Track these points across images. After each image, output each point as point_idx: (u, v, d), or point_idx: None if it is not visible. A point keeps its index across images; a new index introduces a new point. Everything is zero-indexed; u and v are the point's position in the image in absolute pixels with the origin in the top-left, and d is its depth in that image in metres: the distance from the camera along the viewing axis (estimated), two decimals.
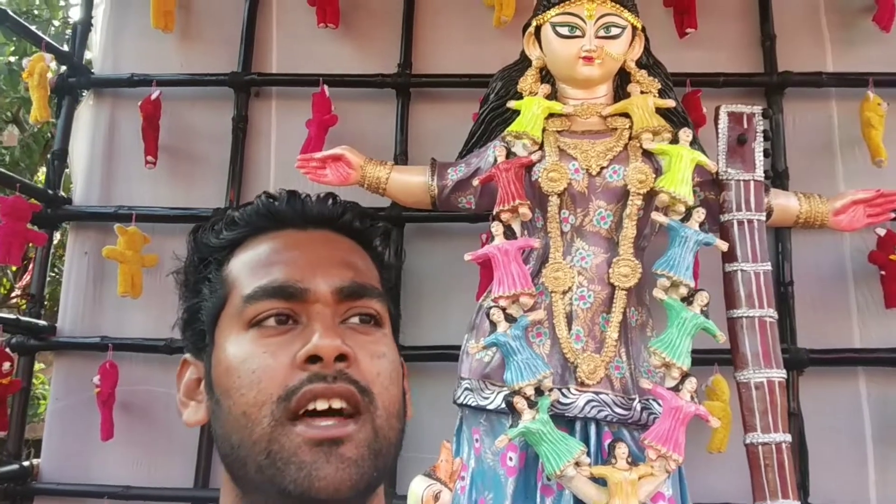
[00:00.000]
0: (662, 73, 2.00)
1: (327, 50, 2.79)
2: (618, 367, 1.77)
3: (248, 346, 0.69)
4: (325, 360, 0.66)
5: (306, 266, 0.72)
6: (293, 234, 0.76)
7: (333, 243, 0.77)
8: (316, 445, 0.64)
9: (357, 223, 0.80)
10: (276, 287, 0.70)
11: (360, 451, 0.65)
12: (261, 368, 0.67)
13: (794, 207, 1.98)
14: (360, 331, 0.71)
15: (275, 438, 0.64)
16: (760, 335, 1.77)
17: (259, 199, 0.78)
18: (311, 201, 0.79)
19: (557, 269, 1.80)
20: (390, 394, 0.70)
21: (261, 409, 0.65)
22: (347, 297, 0.72)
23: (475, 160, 2.00)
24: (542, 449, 1.64)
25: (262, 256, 0.74)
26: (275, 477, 0.64)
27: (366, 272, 0.76)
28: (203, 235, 0.78)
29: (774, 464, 1.69)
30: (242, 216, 0.77)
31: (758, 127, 1.89)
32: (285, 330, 0.69)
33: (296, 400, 0.65)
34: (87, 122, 2.89)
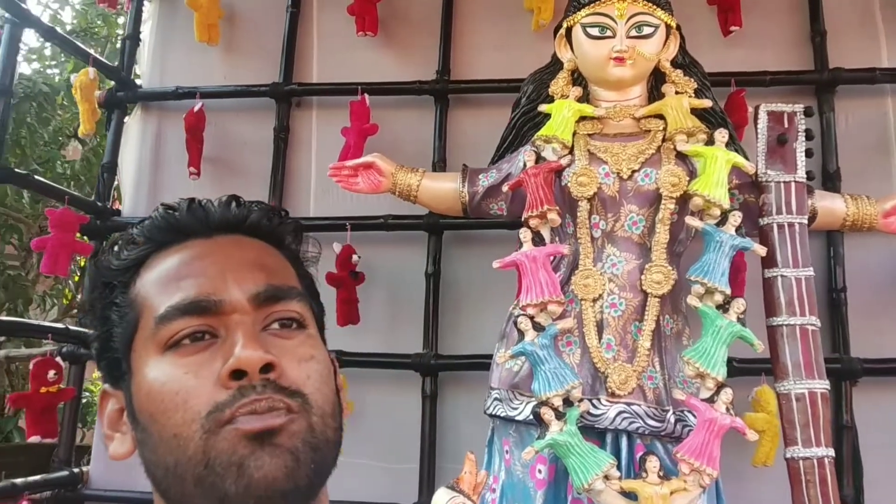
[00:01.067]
0: (699, 73, 1.93)
1: (367, 58, 2.80)
2: (651, 378, 1.71)
3: (167, 368, 0.65)
4: (250, 374, 0.63)
5: (217, 275, 0.69)
6: (199, 243, 0.73)
7: (243, 247, 0.74)
8: (252, 438, 0.62)
9: (265, 223, 0.76)
10: (189, 303, 0.67)
11: (296, 443, 0.63)
12: (184, 390, 0.64)
13: (841, 210, 1.88)
14: (283, 336, 0.69)
15: (210, 446, 0.62)
16: (802, 344, 1.68)
17: (157, 212, 0.75)
18: (213, 207, 0.75)
19: (587, 276, 1.75)
20: (323, 394, 0.67)
21: (190, 426, 0.62)
22: (265, 302, 0.69)
23: (506, 166, 1.96)
24: (569, 461, 1.59)
25: (169, 272, 0.70)
26: (214, 484, 0.62)
27: (281, 273, 0.73)
28: (104, 259, 0.74)
29: (816, 479, 1.60)
30: (142, 232, 0.74)
31: (799, 126, 1.80)
32: (204, 346, 0.66)
33: (228, 413, 0.62)
34: (135, 135, 2.96)
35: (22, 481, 2.39)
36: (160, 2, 3.07)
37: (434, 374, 2.47)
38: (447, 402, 2.49)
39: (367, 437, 2.48)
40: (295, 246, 0.80)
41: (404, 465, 2.44)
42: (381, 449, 2.50)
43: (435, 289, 2.53)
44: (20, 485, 2.37)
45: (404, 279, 2.59)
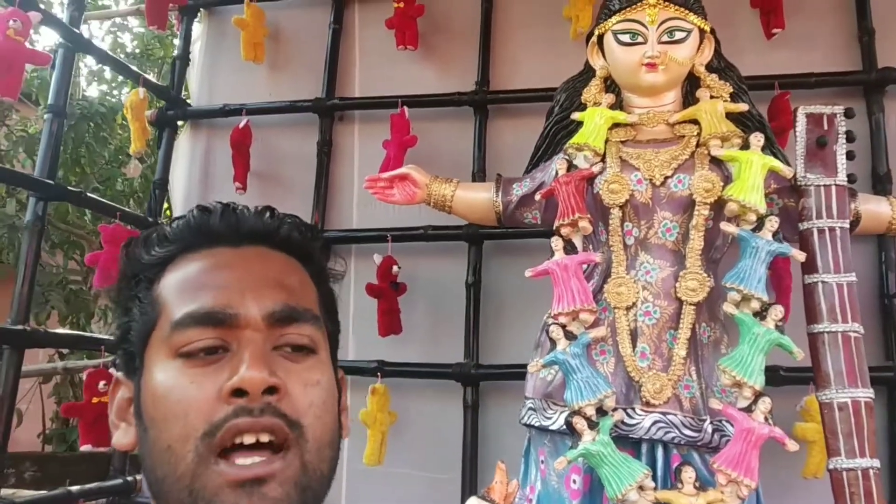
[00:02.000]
0: (735, 77, 1.89)
1: (407, 72, 2.83)
2: (687, 387, 1.68)
3: (175, 375, 0.66)
4: (252, 394, 0.63)
5: (236, 289, 0.69)
6: (226, 251, 0.73)
7: (268, 261, 0.73)
8: (238, 486, 0.62)
9: (295, 236, 0.76)
10: (204, 314, 0.67)
11: (286, 490, 0.63)
12: (186, 400, 0.64)
13: (886, 213, 1.82)
14: (292, 359, 0.69)
15: (198, 476, 0.63)
16: (844, 352, 1.63)
17: (191, 214, 0.75)
18: (246, 215, 0.75)
19: (620, 285, 1.73)
20: (323, 423, 0.68)
21: (185, 444, 0.63)
22: (279, 321, 0.69)
23: (539, 174, 1.96)
24: (603, 471, 1.57)
25: (191, 277, 0.71)
26: None
27: (300, 293, 0.73)
28: (135, 250, 0.75)
29: (861, 492, 1.55)
30: (174, 232, 0.74)
31: (840, 128, 1.75)
32: (214, 359, 0.66)
33: (220, 436, 0.63)
34: (185, 152, 3.05)
35: (77, 489, 2.46)
36: (209, 22, 3.16)
37: (475, 383, 2.47)
38: (489, 412, 2.49)
39: (410, 447, 2.49)
40: (322, 262, 0.79)
41: (446, 474, 2.44)
42: (423, 458, 2.51)
43: (475, 298, 2.53)
44: (75, 492, 2.44)
45: (445, 289, 2.60)
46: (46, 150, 2.40)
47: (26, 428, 5.29)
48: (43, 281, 4.93)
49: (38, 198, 2.37)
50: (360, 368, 2.51)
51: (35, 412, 5.68)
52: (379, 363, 2.49)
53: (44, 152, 2.40)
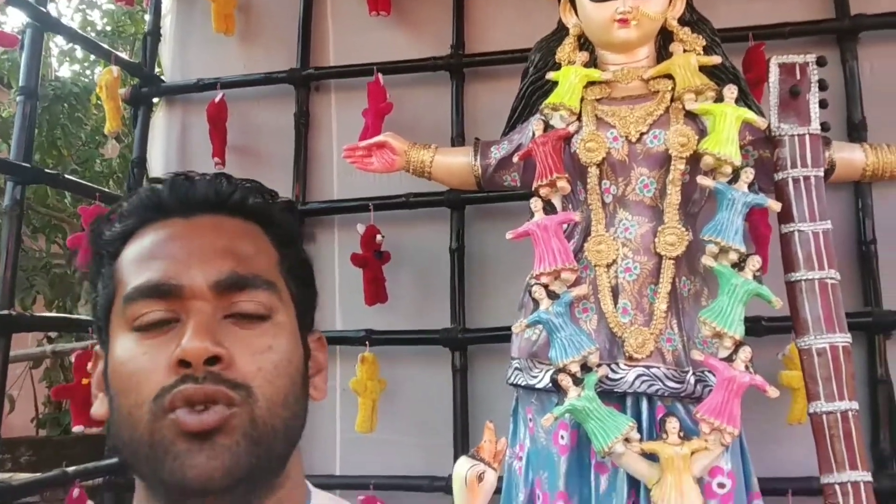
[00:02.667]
0: (708, 29, 1.89)
1: (381, 38, 2.80)
2: (669, 340, 1.70)
3: (130, 347, 0.68)
4: (195, 364, 0.65)
5: (183, 260, 0.70)
6: (178, 222, 0.74)
7: (220, 229, 0.74)
8: (191, 437, 0.65)
9: (250, 202, 0.76)
10: (151, 286, 0.69)
11: (235, 438, 0.65)
12: (139, 371, 0.67)
13: (860, 160, 1.84)
14: (242, 325, 0.70)
15: (155, 430, 0.65)
16: (822, 298, 1.66)
17: (142, 190, 0.76)
18: (197, 185, 0.75)
19: (600, 242, 1.75)
20: (274, 386, 0.69)
21: (140, 408, 0.66)
22: (227, 289, 0.70)
23: (517, 136, 1.96)
24: (589, 426, 1.60)
25: (143, 251, 0.72)
26: (156, 468, 0.65)
27: (253, 259, 0.73)
28: (98, 227, 0.76)
29: (840, 433, 1.59)
30: (129, 207, 0.75)
31: (812, 77, 1.76)
32: (166, 330, 0.68)
33: (168, 400, 0.65)
34: (161, 129, 3.02)
35: (73, 469, 2.48)
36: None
37: (463, 348, 2.49)
38: (477, 375, 2.51)
39: (401, 413, 2.52)
40: (285, 225, 0.79)
41: (438, 438, 2.47)
42: (415, 424, 2.54)
43: (460, 264, 2.55)
44: (71, 472, 2.46)
45: (429, 256, 2.61)
46: (21, 133, 2.39)
47: (19, 413, 5.31)
48: (27, 266, 4.91)
49: (16, 182, 2.36)
50: (348, 338, 2.53)
51: (27, 397, 5.69)
52: (367, 332, 2.51)
53: (18, 135, 2.39)
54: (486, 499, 1.53)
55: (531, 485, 1.79)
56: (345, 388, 2.54)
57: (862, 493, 1.57)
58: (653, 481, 1.58)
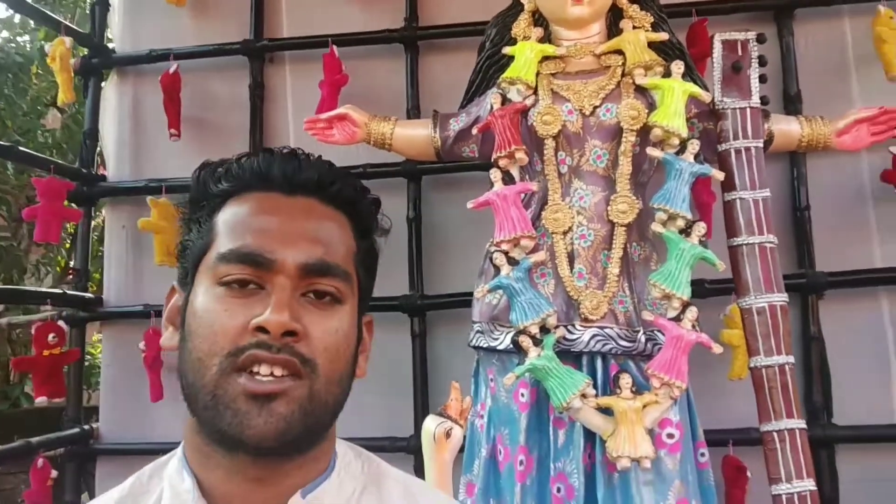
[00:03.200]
0: (655, 7, 1.99)
1: (336, 10, 2.84)
2: (622, 302, 1.81)
3: (214, 300, 0.75)
4: (273, 334, 0.72)
5: (278, 236, 0.76)
6: (279, 198, 0.80)
7: (314, 213, 0.80)
8: (252, 398, 0.72)
9: (345, 193, 0.83)
10: (246, 254, 0.75)
11: (291, 408, 0.73)
12: (218, 324, 0.73)
13: (796, 131, 1.97)
14: (317, 306, 0.77)
15: (220, 385, 0.72)
16: (761, 261, 1.79)
17: (256, 158, 0.82)
18: (304, 166, 0.81)
19: (557, 211, 1.84)
20: (334, 365, 0.76)
21: (212, 358, 0.73)
22: (311, 272, 0.76)
23: (475, 109, 2.03)
24: (549, 383, 1.71)
25: (243, 217, 0.78)
26: (215, 417, 0.73)
27: (338, 248, 0.80)
28: (204, 178, 0.82)
29: (778, 385, 1.72)
30: (239, 169, 0.81)
31: (753, 53, 1.87)
32: (249, 293, 0.75)
33: (241, 359, 0.72)
34: (112, 101, 3.00)
35: (37, 440, 2.51)
36: None
37: (422, 313, 2.57)
38: (436, 340, 2.60)
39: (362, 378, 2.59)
40: (368, 219, 0.86)
41: (398, 401, 2.55)
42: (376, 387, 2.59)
43: (417, 232, 2.62)
44: (35, 443, 2.48)
45: None
46: None
47: None
48: None
49: None
50: None
51: None
52: None
53: None
54: (453, 454, 1.63)
55: (493, 441, 1.89)
56: None
57: (798, 439, 1.71)
58: (608, 433, 1.69)
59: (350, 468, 0.85)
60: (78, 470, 2.78)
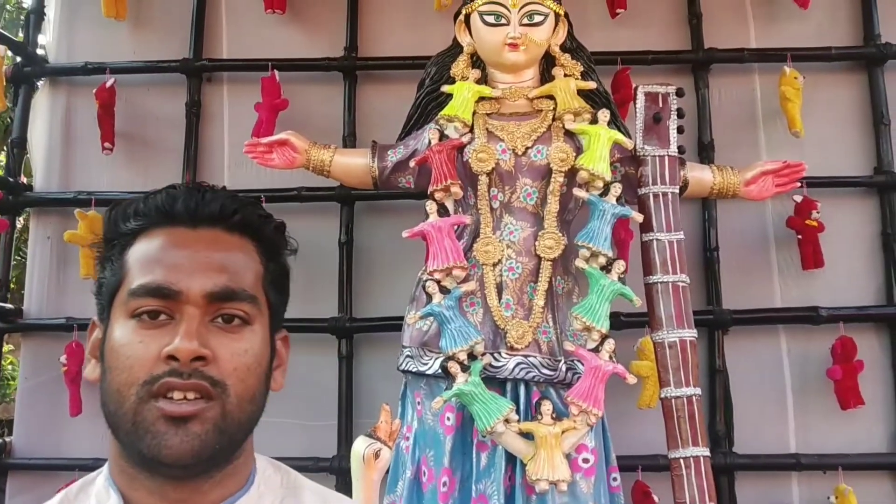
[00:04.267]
0: (585, 56, 2.13)
1: (275, 35, 2.88)
2: (545, 332, 1.92)
3: (128, 333, 0.80)
4: (182, 360, 0.78)
5: (184, 268, 0.82)
6: (184, 232, 0.85)
7: (219, 243, 0.85)
8: (170, 420, 0.77)
9: (248, 220, 0.88)
10: (154, 287, 0.81)
11: (206, 428, 0.79)
12: (133, 356, 0.79)
13: (708, 179, 2.13)
14: (226, 329, 0.82)
15: (139, 412, 0.78)
16: (674, 299, 1.93)
17: (160, 195, 0.87)
18: (207, 199, 0.86)
19: (488, 244, 1.95)
20: (246, 384, 0.82)
21: (130, 388, 0.78)
22: (216, 299, 0.82)
23: (413, 142, 2.13)
24: (474, 408, 1.80)
25: (150, 252, 0.84)
26: (136, 442, 0.78)
27: (243, 274, 0.85)
28: (115, 217, 0.87)
29: (686, 415, 1.86)
30: (145, 208, 0.86)
31: (672, 105, 2.03)
32: (160, 324, 0.80)
33: (156, 387, 0.78)
34: (44, 111, 2.96)
35: None
36: None
37: (349, 336, 2.62)
38: (362, 362, 2.65)
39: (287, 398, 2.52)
40: (274, 241, 0.91)
41: (323, 421, 2.59)
42: (301, 408, 2.64)
43: (348, 256, 2.67)
44: None
45: (318, 248, 2.71)
46: None
47: None
48: None
49: None
50: None
51: None
52: None
53: None
54: (381, 474, 1.70)
55: (418, 462, 1.97)
56: None
57: (702, 466, 1.84)
58: (528, 457, 1.79)
59: (269, 482, 0.91)
60: None
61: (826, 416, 2.51)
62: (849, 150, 2.70)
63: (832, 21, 2.76)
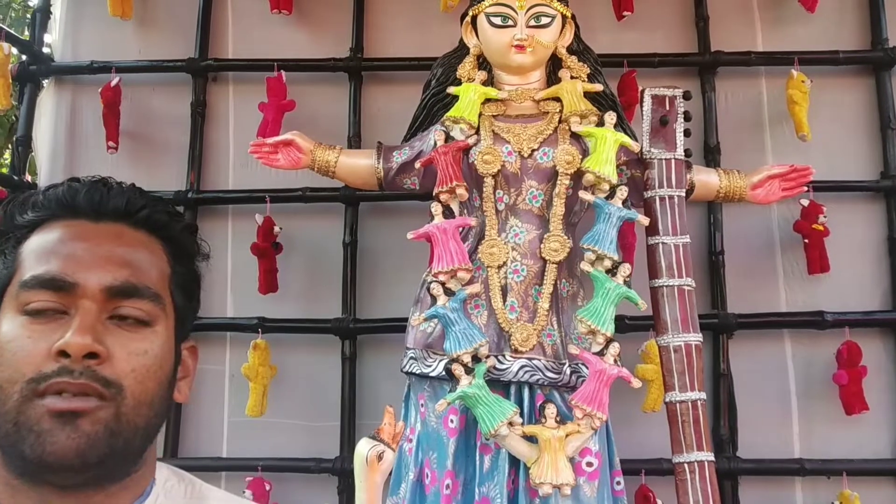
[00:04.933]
0: (592, 59, 2.12)
1: (281, 35, 2.87)
2: (549, 335, 1.92)
3: (17, 328, 0.74)
4: (73, 357, 0.71)
5: (83, 260, 0.76)
6: (85, 225, 0.79)
7: (122, 238, 0.80)
8: (58, 416, 0.71)
9: (155, 217, 0.83)
10: (48, 279, 0.75)
11: (96, 428, 0.72)
12: (20, 351, 0.72)
13: (715, 183, 2.12)
14: (125, 328, 0.76)
15: (22, 411, 0.71)
16: (679, 302, 1.92)
17: (61, 187, 0.81)
18: (110, 193, 0.81)
19: (493, 246, 1.94)
20: (144, 387, 0.76)
21: (13, 385, 0.72)
22: (117, 295, 0.76)
23: (418, 143, 2.12)
24: (478, 411, 1.79)
25: (47, 245, 0.77)
26: (17, 443, 0.71)
27: (147, 271, 0.80)
28: (11, 210, 0.81)
29: (690, 419, 1.85)
30: (45, 200, 0.80)
31: (679, 108, 2.02)
32: (52, 319, 0.74)
33: (44, 386, 0.71)
34: (49, 109, 2.96)
35: None
36: None
37: (353, 337, 2.62)
38: (365, 363, 2.65)
39: (290, 398, 2.62)
40: (184, 243, 0.86)
41: (326, 422, 2.59)
42: (304, 409, 2.65)
43: (352, 257, 2.67)
44: None
45: (323, 249, 2.71)
46: None
47: None
48: None
49: None
50: (241, 325, 2.60)
51: None
52: (259, 320, 2.59)
53: None
54: (384, 476, 1.69)
55: (420, 464, 1.96)
56: (234, 373, 2.63)
57: (706, 471, 1.84)
58: (532, 460, 1.78)
59: (171, 493, 0.85)
60: None
61: (830, 422, 2.50)
62: (855, 155, 2.68)
63: (839, 25, 2.75)
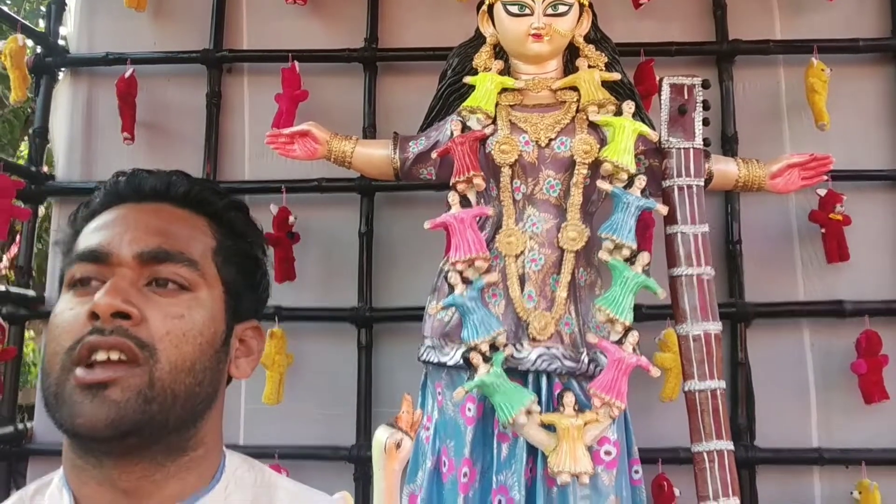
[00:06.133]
0: (609, 47, 2.11)
1: (296, 26, 2.88)
2: (567, 324, 1.91)
3: (63, 303, 0.77)
4: (102, 317, 0.73)
5: (119, 233, 0.79)
6: (129, 206, 0.83)
7: (160, 214, 0.83)
8: (86, 388, 0.72)
9: (193, 192, 0.86)
10: (86, 252, 0.79)
11: (127, 396, 0.72)
12: (63, 323, 0.75)
13: (733, 172, 2.11)
14: (160, 293, 0.78)
15: (61, 383, 0.73)
16: (699, 291, 1.91)
17: (110, 179, 0.86)
18: (151, 177, 0.85)
19: (510, 235, 1.94)
20: (181, 351, 0.76)
21: (55, 357, 0.74)
22: (149, 261, 0.78)
23: (434, 133, 2.12)
24: (496, 399, 1.79)
25: (93, 228, 0.82)
26: (54, 414, 0.73)
27: (183, 240, 0.82)
28: (76, 212, 0.86)
29: (710, 409, 1.84)
30: (98, 194, 0.85)
31: (698, 97, 2.01)
32: (93, 290, 0.76)
33: (78, 350, 0.73)
34: (65, 101, 2.97)
35: None
36: None
37: (369, 325, 2.63)
38: (381, 352, 2.66)
39: (307, 387, 2.64)
40: (229, 218, 0.88)
41: (341, 410, 2.60)
42: (321, 397, 2.66)
43: (368, 247, 2.68)
44: None
45: (339, 238, 2.72)
46: None
47: None
48: None
49: None
50: None
51: None
52: (276, 308, 2.60)
53: None
54: (402, 465, 1.69)
55: (438, 453, 1.97)
56: None
57: (725, 459, 1.83)
58: (550, 449, 1.78)
59: (241, 481, 0.85)
60: (9, 469, 2.73)
61: (849, 411, 2.49)
62: (875, 144, 2.66)
63: (859, 12, 2.72)
